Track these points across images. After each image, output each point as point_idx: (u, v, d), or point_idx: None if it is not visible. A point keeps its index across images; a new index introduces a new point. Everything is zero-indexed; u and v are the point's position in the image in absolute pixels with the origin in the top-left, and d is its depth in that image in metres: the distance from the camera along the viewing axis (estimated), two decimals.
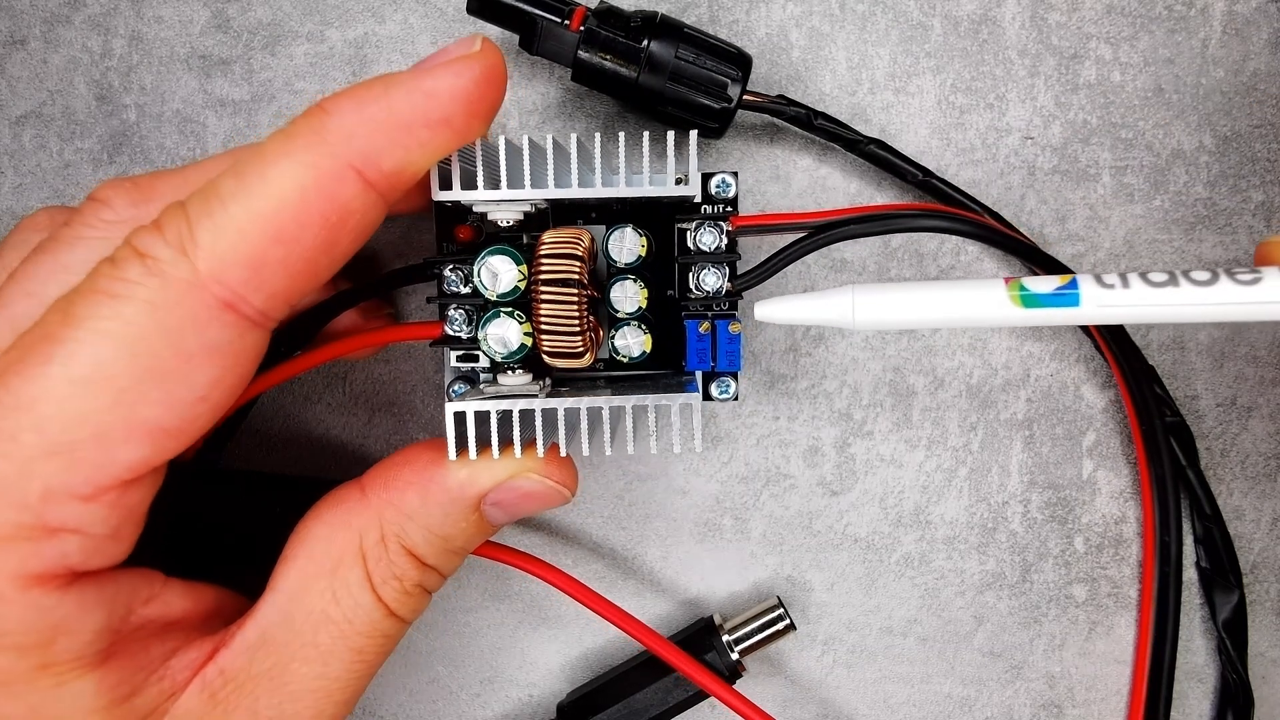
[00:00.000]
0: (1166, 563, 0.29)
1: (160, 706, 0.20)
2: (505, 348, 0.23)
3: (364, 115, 0.19)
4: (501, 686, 0.31)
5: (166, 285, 0.18)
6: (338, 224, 0.19)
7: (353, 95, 0.19)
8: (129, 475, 0.18)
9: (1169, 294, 0.20)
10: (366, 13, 0.29)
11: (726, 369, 0.25)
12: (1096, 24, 0.29)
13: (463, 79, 0.20)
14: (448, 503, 0.22)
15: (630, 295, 0.23)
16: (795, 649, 0.31)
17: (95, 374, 0.18)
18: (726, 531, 0.30)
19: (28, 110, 0.29)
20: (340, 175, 0.19)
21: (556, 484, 0.23)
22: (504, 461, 0.22)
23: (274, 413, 0.30)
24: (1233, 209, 0.30)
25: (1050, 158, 0.30)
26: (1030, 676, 0.31)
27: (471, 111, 0.20)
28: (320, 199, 0.19)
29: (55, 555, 0.18)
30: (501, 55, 0.20)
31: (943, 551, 0.30)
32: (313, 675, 0.22)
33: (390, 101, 0.19)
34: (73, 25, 0.29)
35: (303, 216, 0.19)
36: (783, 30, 0.29)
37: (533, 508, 0.24)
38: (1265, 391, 0.30)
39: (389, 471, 0.23)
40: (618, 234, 0.23)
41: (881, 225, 0.23)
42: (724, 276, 0.24)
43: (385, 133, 0.19)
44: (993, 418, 0.30)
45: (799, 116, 0.28)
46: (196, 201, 0.19)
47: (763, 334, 0.30)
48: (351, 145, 0.19)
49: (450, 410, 0.22)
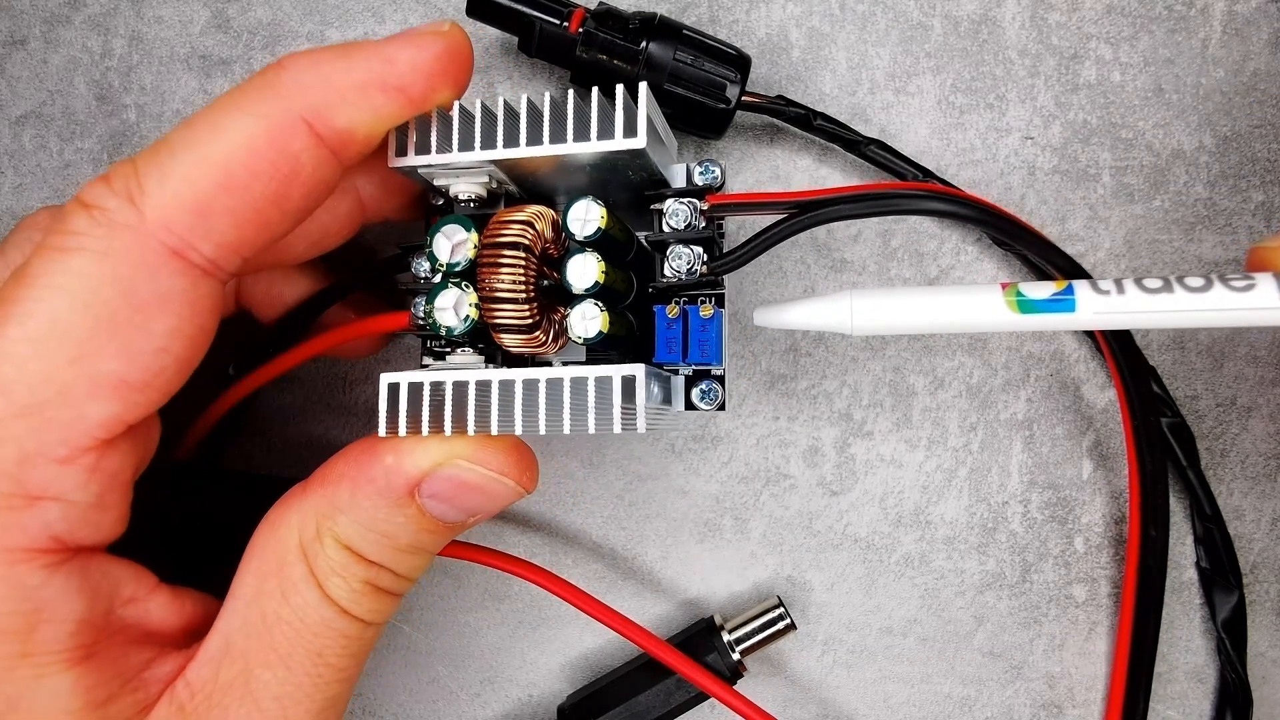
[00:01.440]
0: (1148, 557, 0.28)
1: (133, 718, 0.20)
2: (453, 320, 0.21)
3: (320, 72, 0.19)
4: (501, 686, 0.31)
5: (113, 234, 0.18)
6: (288, 176, 0.19)
7: (311, 53, 0.20)
8: (102, 433, 0.18)
9: (1164, 300, 0.20)
10: (366, 13, 0.29)
11: (700, 361, 0.22)
12: (1096, 24, 0.29)
13: (424, 52, 0.20)
14: (375, 494, 0.21)
15: (587, 270, 0.21)
16: (795, 649, 0.31)
17: (52, 330, 0.18)
18: (726, 531, 0.30)
19: (28, 110, 0.29)
20: (291, 127, 0.19)
21: (493, 473, 0.21)
22: (430, 445, 0.21)
23: (274, 413, 0.30)
24: (1233, 209, 0.30)
25: (1050, 158, 0.30)
26: (1030, 676, 0.31)
27: (429, 84, 0.20)
28: (270, 149, 0.19)
29: (38, 526, 0.18)
30: (467, 39, 0.21)
31: (943, 551, 0.30)
32: (276, 680, 0.21)
33: (349, 62, 0.19)
34: (73, 25, 0.29)
35: (252, 165, 0.19)
36: (783, 30, 0.29)
37: (480, 502, 0.22)
38: (1265, 391, 0.30)
39: (328, 465, 0.22)
40: (577, 205, 0.21)
41: (874, 205, 0.21)
42: (696, 258, 0.22)
43: (339, 91, 0.19)
44: (993, 418, 0.30)
45: (799, 117, 0.28)
46: (146, 154, 0.19)
47: (762, 334, 0.30)
48: (305, 98, 0.19)
49: (384, 381, 0.21)
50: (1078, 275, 0.27)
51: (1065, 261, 0.27)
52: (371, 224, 0.26)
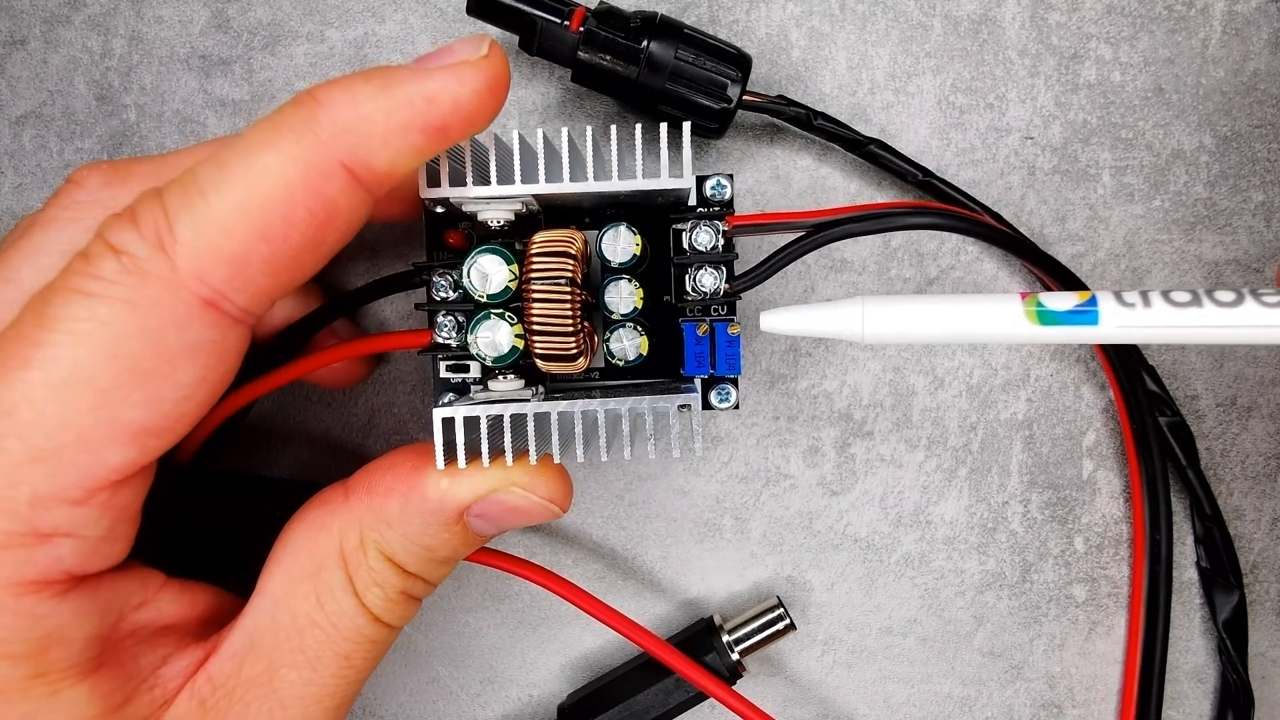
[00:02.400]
0: (1157, 562, 0.28)
1: (153, 715, 0.20)
2: (496, 350, 0.22)
3: (359, 112, 0.18)
4: (501, 686, 0.31)
5: (144, 283, 0.17)
6: (324, 222, 0.18)
7: (348, 87, 0.18)
8: (117, 476, 0.18)
9: (1192, 314, 0.19)
10: (366, 13, 0.29)
11: (726, 373, 0.24)
12: (1096, 24, 0.29)
13: (466, 87, 0.19)
14: (428, 513, 0.21)
15: (625, 296, 0.23)
16: (795, 649, 0.31)
17: (75, 377, 0.17)
18: (726, 531, 0.30)
19: (28, 110, 0.29)
20: (329, 172, 0.18)
21: (543, 499, 0.22)
22: (488, 473, 0.22)
23: (274, 413, 0.30)
24: (1233, 209, 0.30)
25: (1050, 158, 0.30)
26: (1030, 676, 0.31)
27: (469, 121, 0.19)
28: (308, 195, 0.18)
29: (49, 560, 0.18)
30: (507, 62, 0.19)
31: (943, 551, 0.30)
32: (301, 681, 0.21)
33: (389, 101, 0.18)
34: (73, 25, 0.29)
35: (289, 213, 0.18)
36: (783, 30, 0.29)
37: (519, 522, 0.23)
38: (1265, 391, 0.30)
39: (373, 476, 0.22)
40: (612, 232, 0.23)
41: (878, 224, 0.23)
42: (721, 277, 0.24)
43: (380, 134, 0.18)
44: (993, 418, 0.30)
45: (799, 116, 0.28)
46: (175, 192, 0.18)
47: (762, 334, 0.30)
48: (343, 141, 0.18)
49: (438, 416, 0.21)
50: (1071, 281, 0.28)
51: (1060, 269, 0.27)
52: (372, 224, 0.25)
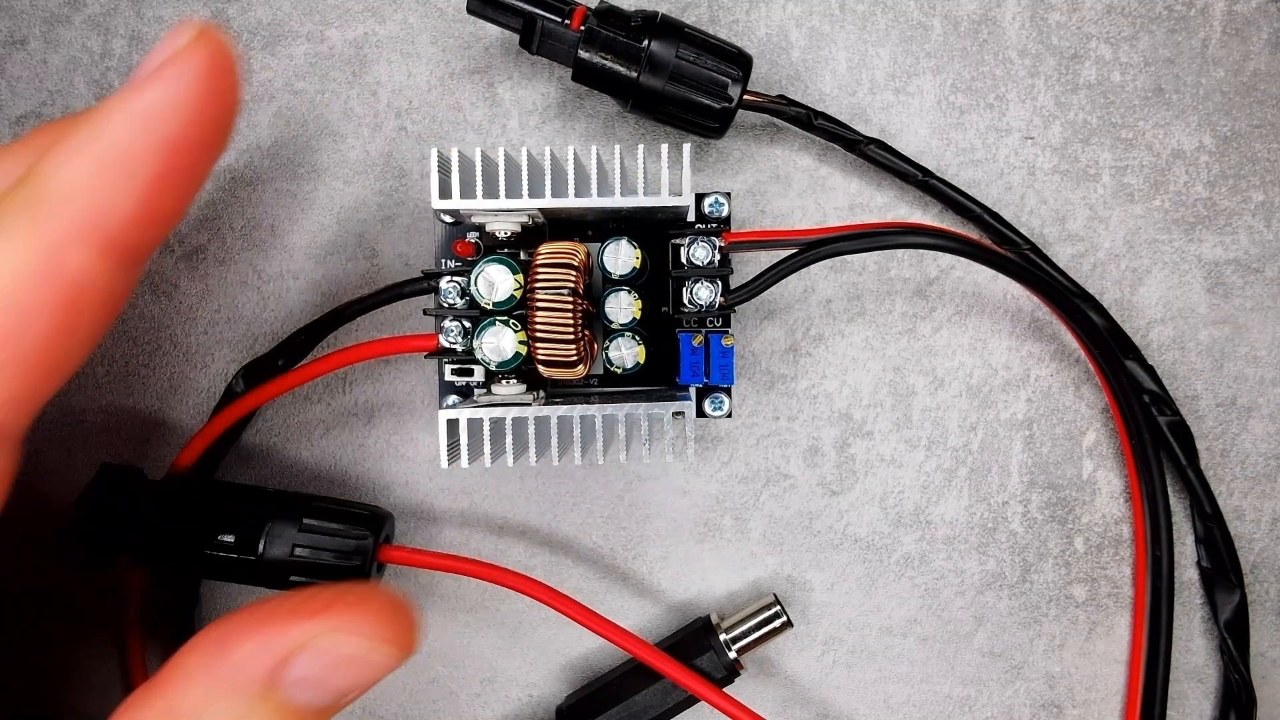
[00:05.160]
0: (1158, 562, 0.28)
1: None
2: (500, 355, 0.23)
3: (78, 166, 0.15)
4: (501, 686, 0.31)
5: None
6: (71, 305, 0.16)
7: (64, 143, 0.15)
8: None
9: None
10: (366, 13, 0.29)
11: (720, 382, 0.25)
12: (1096, 24, 0.29)
13: (180, 84, 0.16)
14: (229, 691, 0.17)
15: (624, 306, 0.24)
16: (795, 649, 0.31)
17: None
18: (726, 531, 0.30)
19: (28, 110, 0.29)
20: (61, 248, 0.15)
21: (370, 639, 0.17)
22: (297, 627, 0.17)
23: (274, 414, 0.30)
24: (1233, 209, 0.30)
25: (1050, 158, 0.30)
26: (1030, 676, 0.31)
27: (205, 123, 0.16)
28: (44, 284, 0.15)
29: None
30: (223, 41, 0.16)
31: (943, 551, 0.30)
32: None
33: (104, 140, 0.15)
34: (73, 25, 0.29)
35: (26, 310, 0.15)
36: (783, 30, 0.29)
37: (357, 677, 0.17)
38: (1265, 391, 0.30)
39: (174, 661, 0.17)
40: (613, 245, 0.24)
41: (870, 242, 0.24)
42: (717, 291, 0.25)
43: (107, 182, 0.15)
44: (993, 418, 0.30)
45: (799, 116, 0.28)
46: None
47: (762, 334, 0.30)
48: (72, 207, 0.15)
49: (443, 418, 0.23)
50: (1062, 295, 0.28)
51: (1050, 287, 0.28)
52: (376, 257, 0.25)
